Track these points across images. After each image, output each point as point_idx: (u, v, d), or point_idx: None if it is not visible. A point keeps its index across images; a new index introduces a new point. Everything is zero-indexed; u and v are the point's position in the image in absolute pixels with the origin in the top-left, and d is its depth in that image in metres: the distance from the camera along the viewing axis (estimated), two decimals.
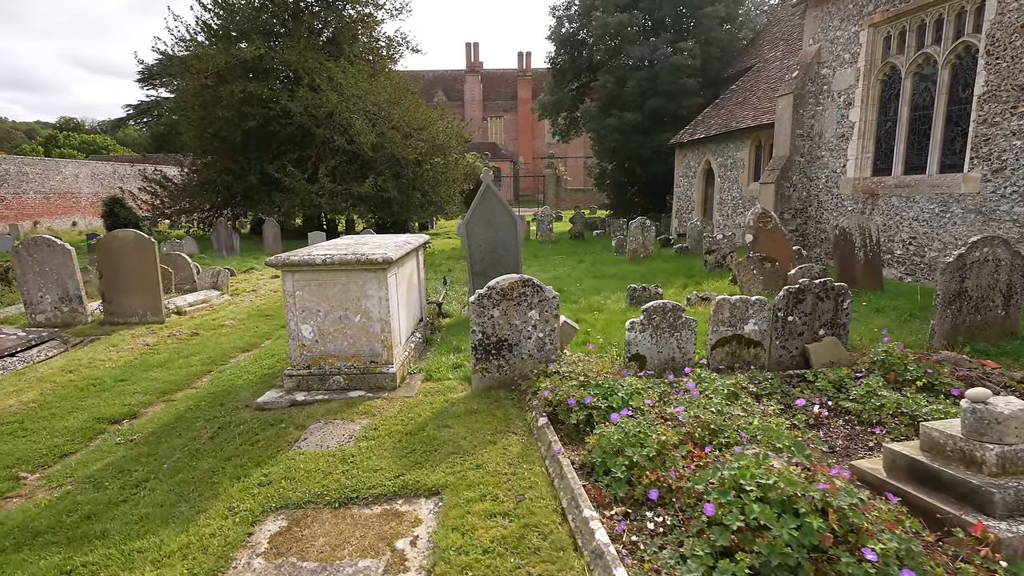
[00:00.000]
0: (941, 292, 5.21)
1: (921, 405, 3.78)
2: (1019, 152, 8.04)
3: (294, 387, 4.72)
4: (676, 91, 19.52)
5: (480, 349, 4.53)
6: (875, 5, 10.42)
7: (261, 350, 6.57)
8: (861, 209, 10.91)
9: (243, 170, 19.72)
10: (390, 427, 3.95)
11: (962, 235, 8.92)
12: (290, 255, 4.54)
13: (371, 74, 21.12)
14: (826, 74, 11.66)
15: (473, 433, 3.80)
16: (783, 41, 17.89)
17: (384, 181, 19.79)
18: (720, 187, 16.09)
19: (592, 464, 3.21)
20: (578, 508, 2.77)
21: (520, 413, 4.14)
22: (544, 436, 3.62)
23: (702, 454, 3.01)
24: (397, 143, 20.10)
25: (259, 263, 14.22)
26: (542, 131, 58.39)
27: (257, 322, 8.03)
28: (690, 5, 20.20)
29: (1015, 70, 8.04)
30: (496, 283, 4.50)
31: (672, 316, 4.72)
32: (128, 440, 4.14)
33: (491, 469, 3.33)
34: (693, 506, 2.64)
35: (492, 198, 7.19)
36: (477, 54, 56.82)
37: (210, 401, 4.80)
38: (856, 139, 10.96)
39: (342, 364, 4.73)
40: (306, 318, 4.64)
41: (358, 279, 4.58)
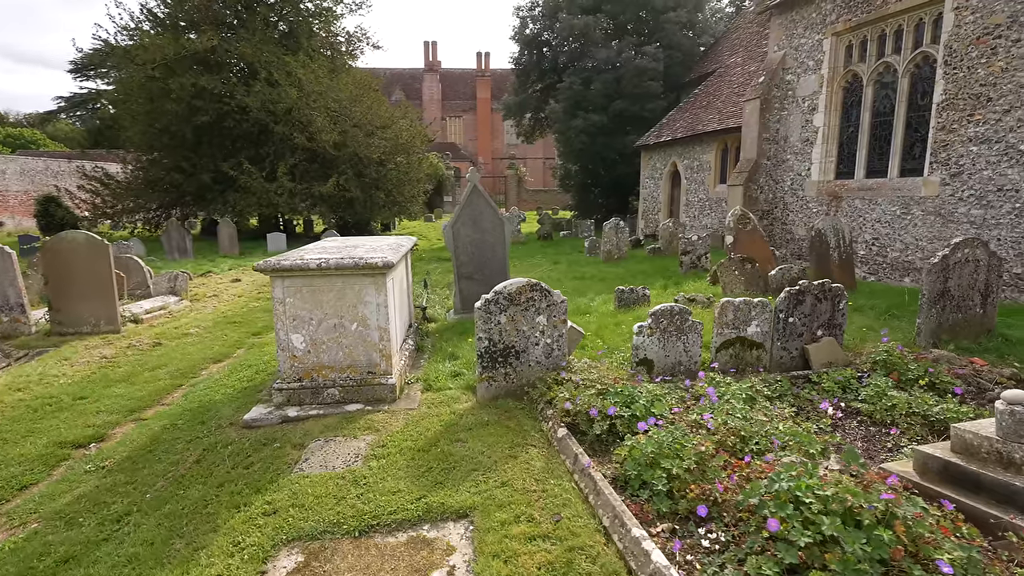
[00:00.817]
0: (927, 292, 5.37)
1: (931, 405, 3.83)
2: (975, 158, 8.48)
3: (284, 402, 4.37)
4: (640, 94, 19.80)
5: (487, 357, 4.33)
6: (838, 15, 10.80)
7: (235, 361, 6.12)
8: (825, 211, 11.29)
9: (194, 168, 18.67)
10: (399, 443, 3.69)
11: (923, 236, 9.35)
12: (280, 259, 4.20)
13: (331, 70, 20.43)
14: (791, 80, 12.03)
15: (490, 447, 3.60)
16: (742, 48, 18.41)
17: (347, 181, 19.19)
18: (687, 189, 16.39)
19: (626, 478, 3.06)
20: (624, 527, 2.62)
21: (534, 424, 3.96)
22: (568, 449, 3.46)
23: (742, 464, 2.92)
24: (360, 141, 19.54)
25: (217, 266, 13.45)
26: (501, 132, 58.39)
27: (225, 330, 7.52)
28: (653, 10, 20.54)
29: (971, 80, 8.47)
30: (504, 288, 4.30)
31: (679, 319, 4.65)
32: (99, 467, 3.71)
33: (518, 487, 3.14)
34: (746, 520, 2.54)
35: (480, 199, 6.98)
36: (435, 53, 56.20)
37: (188, 419, 4.39)
38: (820, 143, 11.34)
39: (337, 376, 4.42)
40: (297, 327, 4.30)
41: (355, 284, 4.29)
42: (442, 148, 45.46)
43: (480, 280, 7.15)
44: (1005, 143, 8.09)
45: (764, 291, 7.94)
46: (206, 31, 17.87)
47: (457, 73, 58.41)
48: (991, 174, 8.28)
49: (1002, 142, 8.13)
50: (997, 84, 8.14)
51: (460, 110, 57.50)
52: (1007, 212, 8.12)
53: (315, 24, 21.42)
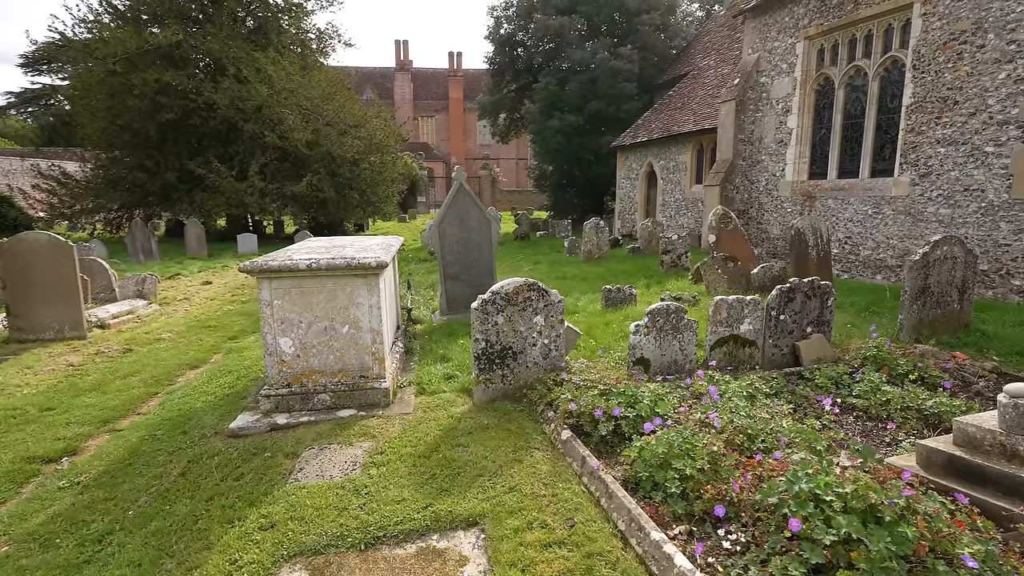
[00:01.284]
0: (908, 288, 5.50)
1: (924, 399, 3.90)
2: (943, 159, 8.78)
3: (272, 408, 4.18)
4: (615, 95, 19.95)
5: (483, 358, 4.23)
6: (810, 19, 11.07)
7: (213, 366, 5.86)
8: (800, 211, 11.55)
9: (158, 166, 17.99)
10: (398, 450, 3.56)
11: (893, 235, 9.64)
12: (267, 260, 4.01)
13: (303, 67, 19.99)
14: (765, 82, 12.27)
15: (493, 452, 3.50)
16: (714, 51, 18.74)
17: (320, 180, 18.79)
18: (663, 189, 16.57)
19: (637, 479, 3.01)
20: (642, 531, 2.56)
21: (536, 426, 3.88)
22: (573, 451, 3.39)
23: (753, 463, 2.90)
24: (333, 140, 19.17)
25: (185, 268, 12.96)
26: (474, 132, 58.17)
27: (199, 335, 7.21)
28: (626, 12, 20.72)
29: (939, 84, 8.77)
30: (501, 288, 4.21)
31: (675, 318, 4.64)
32: (74, 483, 3.47)
33: (527, 491, 3.05)
34: (765, 520, 2.51)
35: (466, 198, 6.86)
36: (407, 52, 55.62)
37: (168, 429, 4.16)
38: (794, 144, 11.60)
39: (328, 380, 4.25)
40: (286, 330, 4.12)
41: (346, 286, 4.13)
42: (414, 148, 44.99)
43: (466, 281, 7.04)
44: (971, 145, 8.39)
45: (746, 289, 8.05)
46: (170, 25, 17.24)
47: (429, 73, 57.96)
48: (958, 175, 8.59)
49: (968, 144, 8.43)
50: (963, 88, 8.44)
51: (432, 110, 57.04)
52: (973, 211, 8.42)
53: (284, 20, 20.92)
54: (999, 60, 7.95)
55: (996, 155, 8.07)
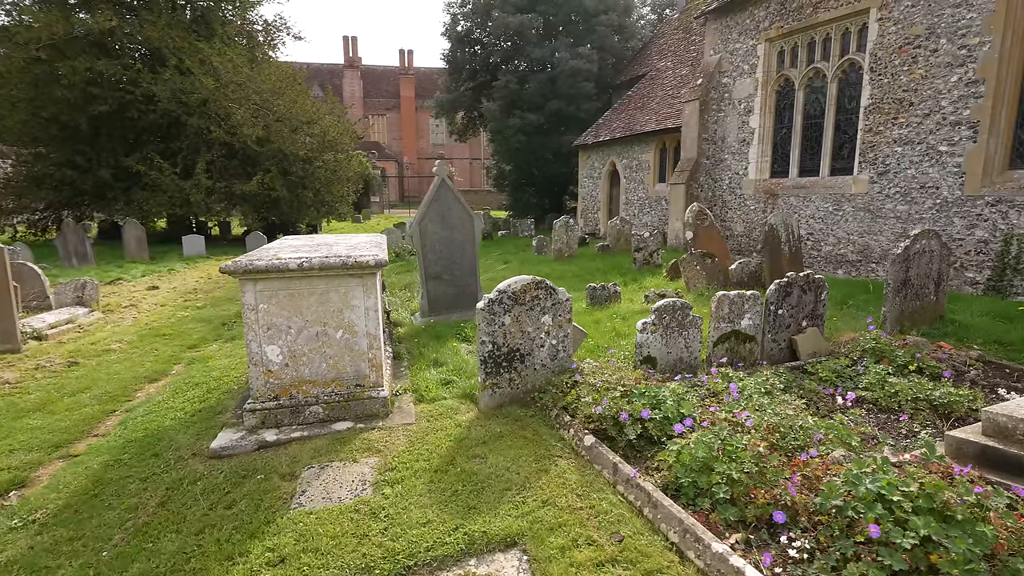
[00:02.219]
0: (892, 281, 5.64)
1: (930, 389, 3.94)
2: (900, 157, 9.18)
3: (259, 424, 3.77)
4: (575, 94, 20.01)
5: (490, 362, 3.97)
6: (770, 21, 11.37)
7: (176, 379, 5.31)
8: (763, 208, 11.86)
9: (90, 163, 16.59)
10: (410, 465, 3.26)
11: (854, 231, 10.01)
12: (252, 259, 3.61)
13: (251, 60, 18.97)
14: (727, 83, 12.53)
15: (514, 462, 3.26)
16: (670, 53, 19.10)
17: (272, 179, 17.86)
18: (626, 188, 16.71)
19: (678, 485, 2.84)
20: (700, 542, 2.39)
21: (552, 432, 3.66)
22: (601, 458, 3.19)
23: (799, 463, 2.79)
24: (285, 137, 18.27)
25: (126, 272, 11.95)
26: (426, 131, 57.40)
27: (154, 344, 6.57)
28: (585, 12, 20.83)
29: (895, 86, 9.16)
30: (507, 287, 3.97)
31: (681, 315, 4.53)
32: (28, 521, 2.98)
33: (562, 504, 2.83)
34: (827, 525, 2.39)
35: (448, 193, 6.57)
36: (355, 49, 54.20)
37: (135, 452, 3.68)
38: (756, 144, 11.89)
39: (320, 391, 3.88)
40: (273, 337, 3.73)
41: (341, 286, 3.78)
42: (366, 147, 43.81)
43: (448, 280, 6.74)
44: (926, 144, 8.80)
45: (724, 284, 8.13)
46: (102, 11, 15.91)
47: (379, 70, 56.71)
48: (914, 172, 8.99)
49: (923, 143, 8.84)
50: (918, 90, 8.84)
51: (383, 108, 55.83)
52: (929, 207, 8.84)
53: (228, 10, 19.78)
54: (951, 64, 8.37)
55: (950, 154, 8.49)
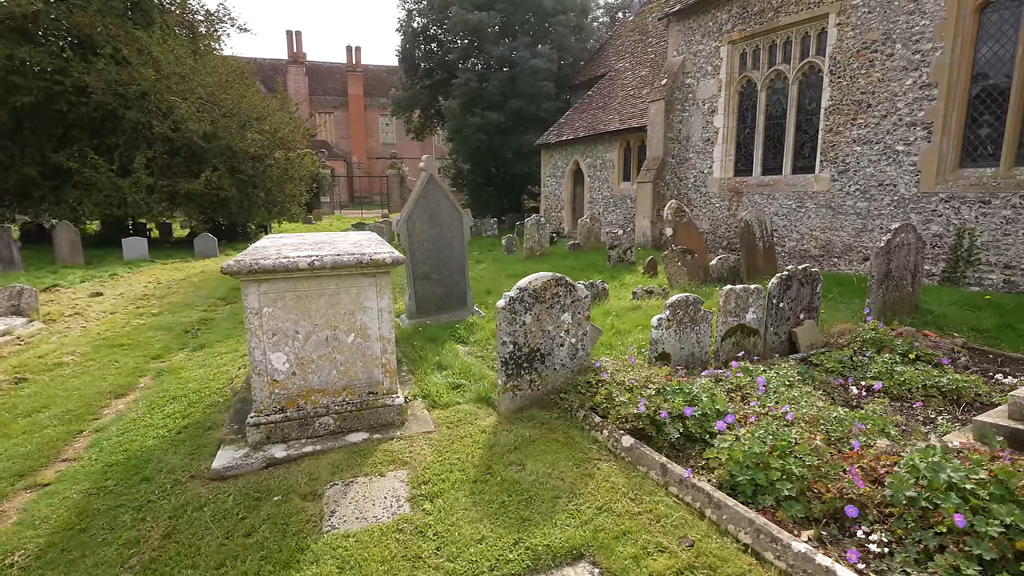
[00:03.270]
0: (876, 273, 5.85)
1: (936, 376, 4.07)
2: (859, 156, 9.63)
3: (263, 439, 3.43)
4: (535, 93, 19.99)
5: (511, 363, 3.78)
6: (732, 24, 11.70)
7: (147, 393, 4.82)
8: (728, 206, 12.19)
9: (12, 159, 15.12)
10: (445, 477, 3.03)
11: (816, 227, 10.43)
12: (256, 258, 3.27)
13: (194, 52, 17.86)
14: (691, 83, 12.81)
15: (554, 468, 3.09)
16: (628, 54, 19.40)
17: (220, 177, 16.87)
18: (590, 187, 16.83)
19: (734, 484, 2.76)
20: (777, 542, 2.31)
21: (583, 434, 3.51)
22: (645, 459, 3.08)
23: (853, 454, 2.77)
24: (233, 133, 17.33)
25: (62, 278, 10.92)
26: (376, 130, 56.13)
27: (112, 356, 5.97)
28: (543, 12, 20.86)
29: (854, 88, 9.60)
30: (528, 284, 3.80)
31: (693, 310, 4.50)
32: (5, 565, 2.56)
33: (619, 510, 2.69)
34: (900, 517, 2.36)
35: (436, 190, 6.31)
36: (300, 44, 52.29)
37: (120, 478, 3.26)
38: (721, 143, 12.21)
39: (330, 400, 3.57)
40: (279, 344, 3.40)
41: (352, 287, 3.49)
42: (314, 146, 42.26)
43: (437, 280, 6.48)
44: (883, 144, 9.26)
45: (704, 280, 8.25)
46: None
47: (325, 67, 54.96)
48: (873, 171, 9.45)
49: (881, 143, 9.30)
50: (875, 92, 9.29)
51: (330, 106, 54.12)
52: (887, 204, 9.31)
53: None
54: (906, 68, 8.84)
55: (906, 153, 8.97)
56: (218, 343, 6.42)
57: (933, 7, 8.42)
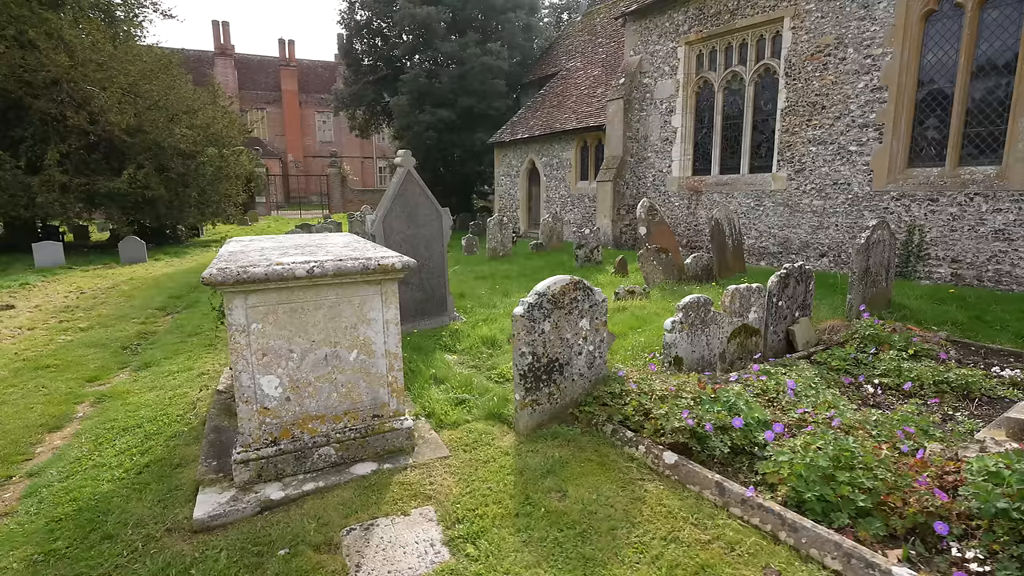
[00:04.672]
0: (857, 269, 5.94)
1: (943, 372, 4.09)
2: (814, 156, 9.96)
3: (253, 478, 2.92)
4: (487, 91, 19.66)
5: (530, 376, 3.45)
6: (689, 25, 11.85)
7: (89, 424, 4.11)
8: (687, 205, 12.36)
9: None
10: (480, 512, 2.66)
11: (774, 224, 10.71)
12: (243, 265, 2.76)
13: (114, 37, 16.26)
14: (648, 83, 12.89)
15: (598, 493, 2.79)
16: (578, 54, 19.45)
17: (146, 175, 15.45)
18: (547, 186, 16.68)
19: (800, 500, 2.56)
20: (875, 568, 2.11)
21: (616, 451, 3.23)
22: (695, 477, 2.83)
23: (919, 462, 2.64)
24: (161, 127, 15.93)
25: None
26: (313, 128, 53.90)
27: (38, 380, 5.13)
28: (492, 9, 20.56)
29: (809, 90, 9.91)
30: (546, 289, 3.48)
31: (703, 312, 4.33)
32: None
33: (687, 539, 2.43)
34: (990, 530, 2.23)
35: (414, 187, 5.86)
36: (227, 35, 49.30)
37: (73, 537, 2.67)
38: (679, 143, 12.35)
39: (330, 427, 3.10)
40: (270, 365, 2.90)
41: (355, 296, 3.05)
42: (247, 144, 39.97)
43: (416, 285, 6.03)
44: (837, 144, 9.62)
45: (679, 279, 8.22)
46: None
47: (256, 60, 52.15)
48: (828, 170, 9.79)
49: (835, 143, 9.65)
50: (829, 94, 9.63)
51: (262, 102, 51.39)
52: (842, 202, 9.67)
53: None
54: (858, 72, 9.20)
55: (859, 153, 9.34)
56: (167, 360, 5.68)
57: (883, 14, 8.80)
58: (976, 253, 8.14)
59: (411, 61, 21.18)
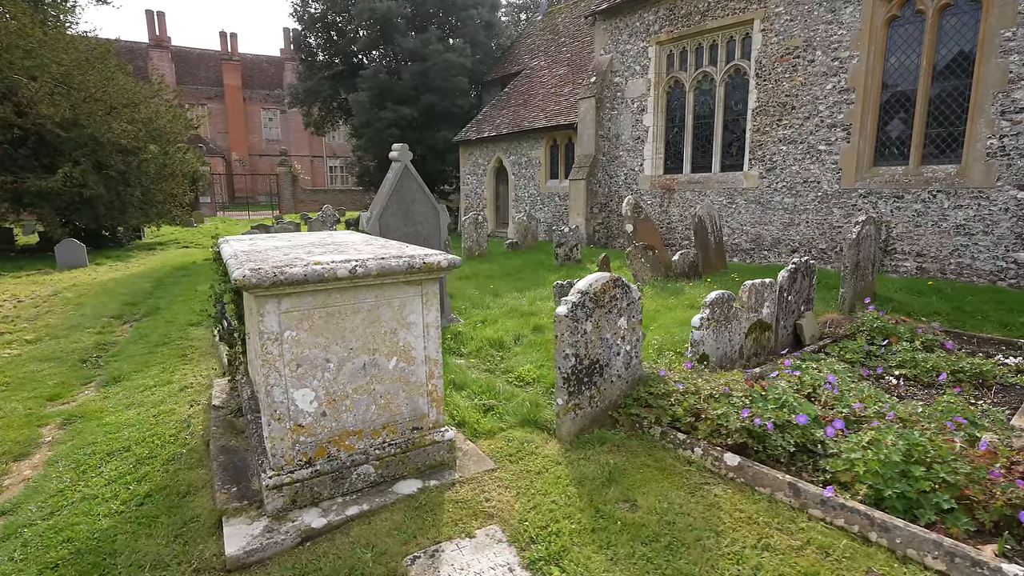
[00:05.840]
0: (848, 264, 6.09)
1: (956, 362, 4.20)
2: (785, 155, 10.25)
3: (288, 504, 2.60)
4: (450, 88, 19.32)
5: (573, 379, 3.26)
6: (660, 25, 11.98)
7: (64, 449, 3.62)
8: (659, 203, 12.49)
9: None
10: (551, 528, 2.45)
11: (747, 221, 10.97)
12: (278, 265, 2.43)
13: (42, 22, 14.92)
14: (619, 82, 12.96)
15: (669, 501, 2.64)
16: (541, 52, 19.41)
17: (83, 173, 14.26)
18: (515, 184, 16.53)
19: (879, 498, 2.50)
20: (983, 567, 2.06)
21: (669, 454, 3.09)
22: (763, 478, 2.73)
23: (987, 453, 2.63)
24: (99, 121, 14.74)
25: None
26: (258, 125, 51.66)
27: None
28: (453, 5, 20.23)
29: (779, 91, 10.20)
30: (588, 287, 3.31)
31: (726, 308, 4.28)
32: None
33: (779, 546, 2.31)
34: None
35: (411, 183, 5.56)
36: (163, 26, 46.55)
37: None
38: (651, 141, 12.48)
39: (368, 443, 2.81)
40: (304, 377, 2.59)
41: (395, 298, 2.77)
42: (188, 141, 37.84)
43: None
44: (807, 143, 9.93)
45: (667, 276, 8.24)
46: None
47: (195, 54, 49.49)
48: (798, 169, 10.10)
49: (805, 143, 9.96)
50: (799, 95, 9.93)
51: (203, 97, 48.76)
52: (812, 199, 10.00)
53: None
54: (826, 73, 9.52)
55: (828, 152, 9.67)
56: (137, 374, 5.15)
57: (849, 18, 9.14)
58: (939, 247, 8.57)
59: (369, 57, 20.58)
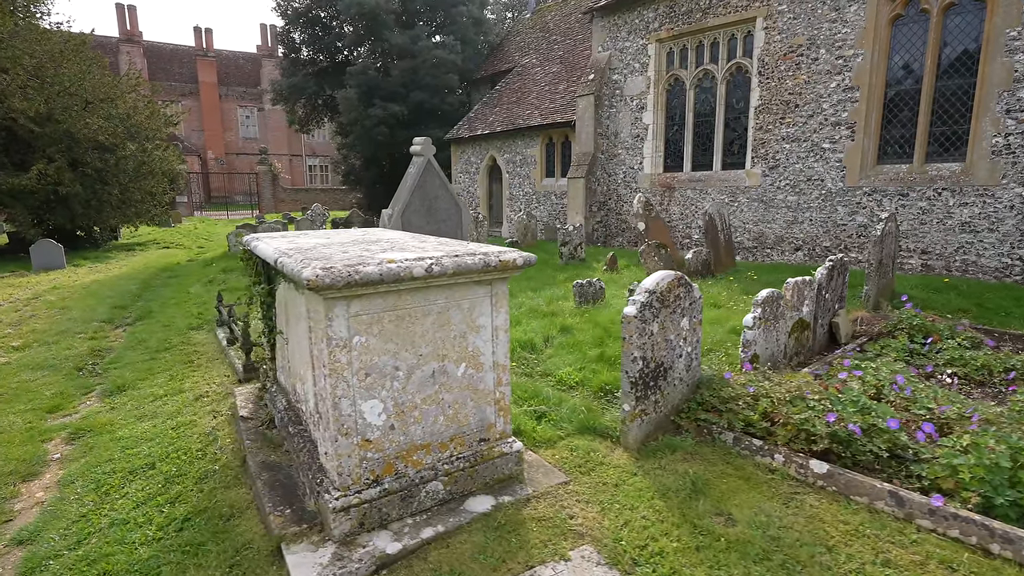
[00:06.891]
0: (873, 261, 6.04)
1: (1005, 360, 4.14)
2: (788, 153, 10.26)
3: (356, 528, 2.35)
4: (440, 86, 19.05)
5: (640, 383, 3.08)
6: (660, 23, 11.90)
7: (77, 467, 3.31)
8: (659, 201, 12.42)
9: None
10: (653, 548, 2.25)
11: (749, 220, 10.95)
12: (351, 264, 2.18)
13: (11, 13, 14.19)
14: (618, 80, 12.85)
15: (765, 514, 2.47)
16: (532, 50, 19.24)
17: (58, 171, 13.61)
18: (510, 183, 16.32)
19: (988, 506, 2.37)
20: None
21: (748, 461, 2.93)
22: (859, 486, 2.58)
23: None
24: (75, 116, 14.09)
25: None
26: (235, 123, 50.45)
27: None
28: (443, 1, 19.94)
29: (782, 89, 10.19)
30: (655, 286, 3.13)
31: (775, 307, 4.15)
32: None
33: (900, 561, 2.16)
34: None
35: (434, 179, 5.32)
36: (134, 20, 45.12)
37: None
38: (651, 139, 12.40)
39: (436, 458, 2.58)
40: (373, 387, 2.34)
41: (464, 300, 2.55)
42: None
43: None
44: (811, 142, 9.94)
45: None
46: None
47: (168, 49, 48.11)
48: (802, 167, 10.11)
49: (808, 141, 9.98)
50: (802, 93, 9.94)
51: (177, 94, 47.30)
52: (816, 197, 10.01)
53: None
54: (830, 72, 9.54)
55: (832, 150, 9.70)
56: (143, 382, 4.81)
57: (853, 17, 9.16)
58: (944, 245, 8.64)
59: (356, 53, 20.16)
